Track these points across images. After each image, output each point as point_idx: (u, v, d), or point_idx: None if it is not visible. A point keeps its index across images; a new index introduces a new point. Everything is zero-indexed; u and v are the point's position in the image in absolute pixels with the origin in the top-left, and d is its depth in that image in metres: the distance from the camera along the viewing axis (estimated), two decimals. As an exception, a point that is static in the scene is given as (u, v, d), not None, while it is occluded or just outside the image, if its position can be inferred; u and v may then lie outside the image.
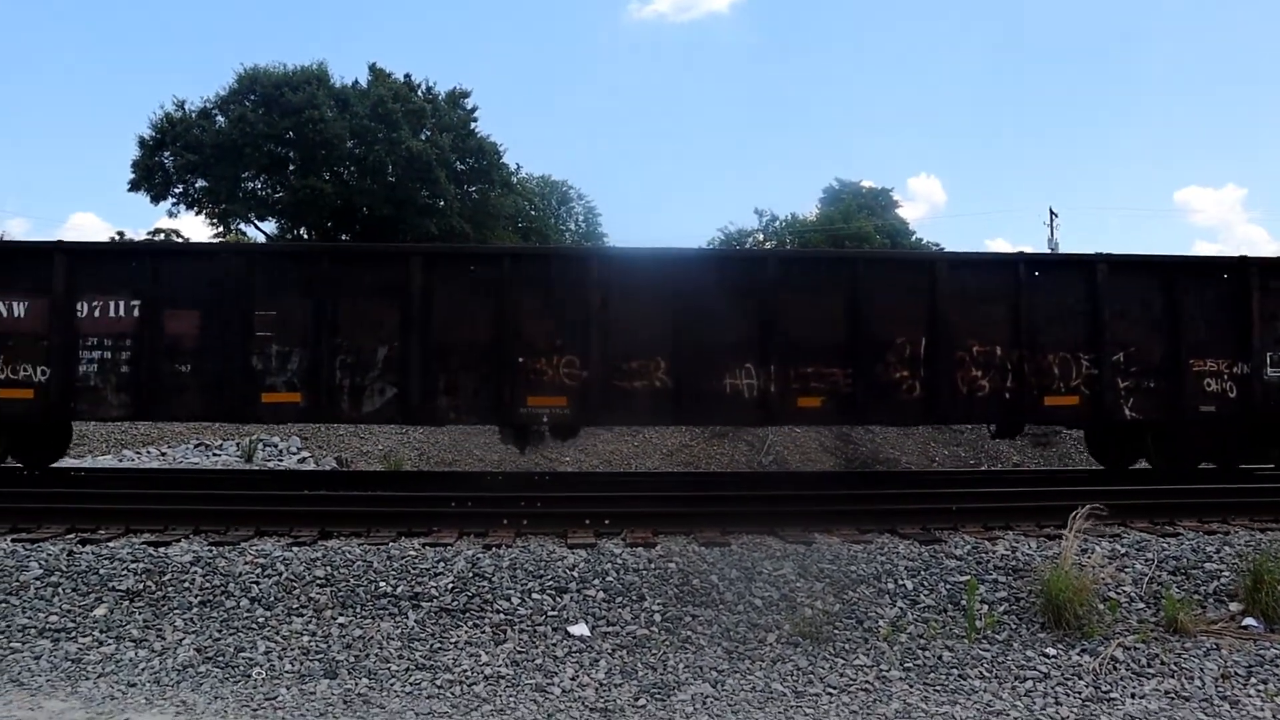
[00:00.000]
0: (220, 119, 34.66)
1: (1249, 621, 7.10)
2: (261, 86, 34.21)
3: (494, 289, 11.17)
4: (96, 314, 11.03)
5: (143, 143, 34.86)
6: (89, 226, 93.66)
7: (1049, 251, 40.28)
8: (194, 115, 34.78)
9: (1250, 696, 6.14)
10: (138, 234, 40.56)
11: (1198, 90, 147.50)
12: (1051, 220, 47.49)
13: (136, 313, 11.02)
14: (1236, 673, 6.39)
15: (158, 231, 39.06)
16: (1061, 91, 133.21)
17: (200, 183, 35.60)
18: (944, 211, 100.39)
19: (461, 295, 11.18)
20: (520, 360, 11.10)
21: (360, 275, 11.17)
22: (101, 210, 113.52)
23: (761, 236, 52.27)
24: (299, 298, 11.10)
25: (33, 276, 11.01)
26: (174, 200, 36.06)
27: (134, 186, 35.56)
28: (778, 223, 53.55)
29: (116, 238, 33.77)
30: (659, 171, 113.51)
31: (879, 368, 11.42)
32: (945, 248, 48.44)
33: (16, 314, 11.00)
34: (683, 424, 11.75)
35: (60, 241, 11.20)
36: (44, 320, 10.96)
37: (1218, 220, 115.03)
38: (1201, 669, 6.43)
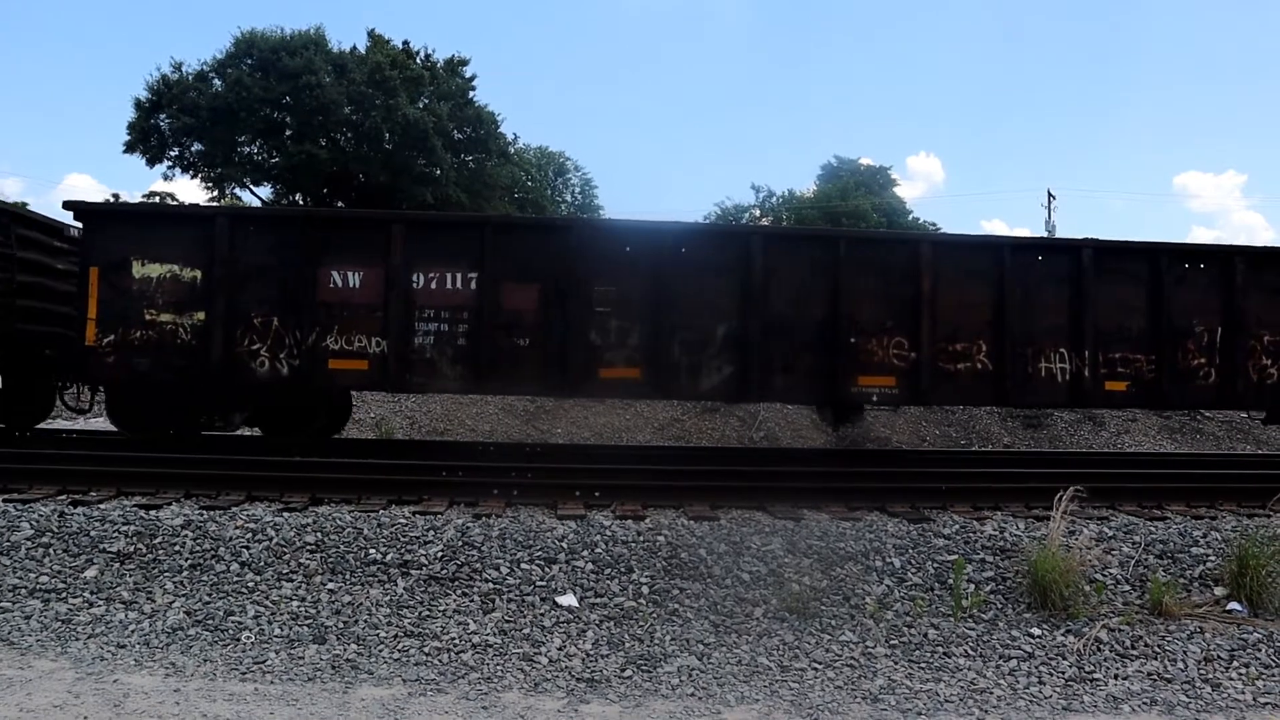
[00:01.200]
0: (217, 82, 34.47)
1: (1233, 606, 7.15)
2: (259, 50, 34.02)
3: (829, 271, 11.27)
4: (433, 286, 10.99)
5: (139, 105, 34.68)
6: (84, 188, 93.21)
7: (1052, 236, 40.24)
8: (190, 78, 34.58)
9: (1231, 679, 6.20)
10: (132, 196, 40.34)
11: (1200, 75, 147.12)
12: (1049, 203, 47.59)
13: (474, 285, 10.98)
14: (1219, 656, 6.44)
15: (152, 194, 38.86)
16: (1063, 73, 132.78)
17: (196, 146, 35.44)
18: (942, 191, 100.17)
19: (797, 276, 11.26)
20: (852, 341, 11.25)
21: (700, 253, 11.19)
22: (97, 172, 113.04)
23: (758, 212, 52.18)
24: (640, 274, 11.09)
25: (369, 247, 10.97)
26: (169, 163, 35.95)
27: (129, 149, 35.42)
28: (775, 199, 53.50)
29: (112, 199, 33.55)
30: (656, 145, 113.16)
31: (1179, 355, 11.79)
32: (941, 228, 48.41)
33: (352, 285, 10.97)
34: (1002, 405, 12.24)
35: (400, 211, 11.23)
36: (380, 292, 10.93)
37: (1216, 206, 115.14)
38: (1185, 652, 6.48)
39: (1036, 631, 6.72)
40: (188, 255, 10.87)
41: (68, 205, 11.11)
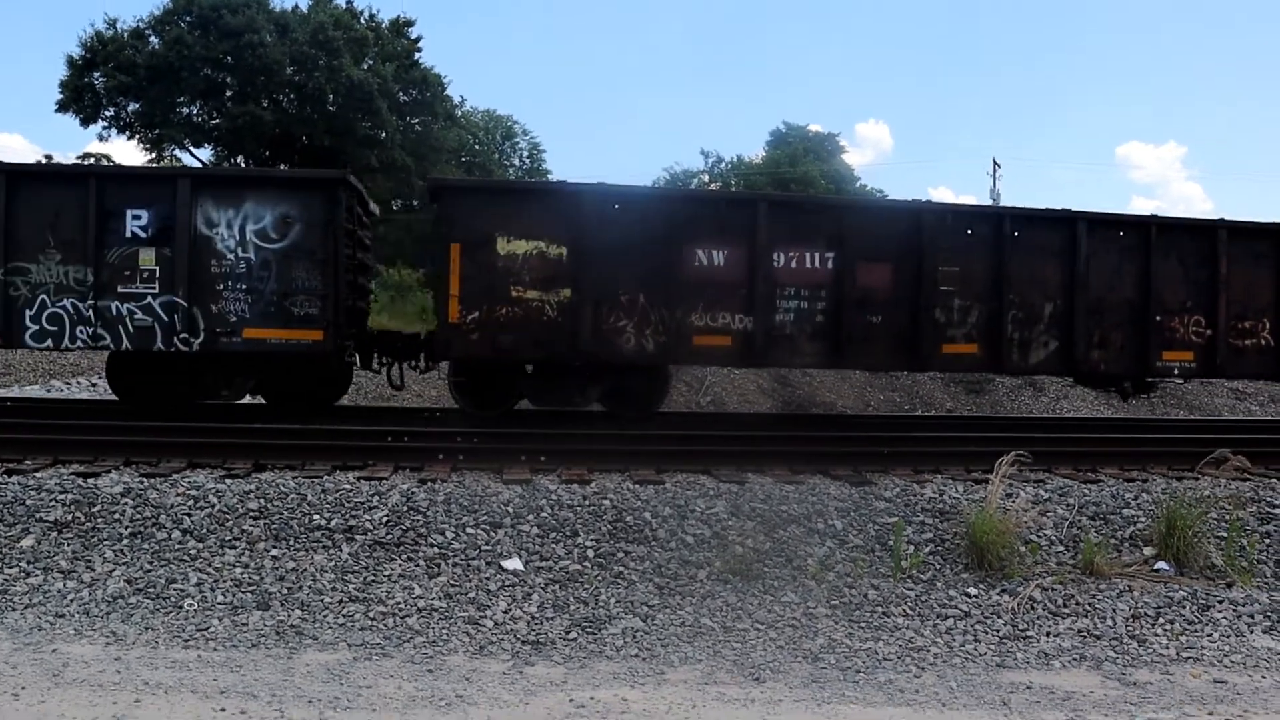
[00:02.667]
0: (154, 40, 33.59)
1: (1161, 565, 7.39)
2: (198, 7, 33.16)
3: (1139, 255, 12.04)
4: (794, 264, 11.19)
5: (71, 62, 33.70)
6: (16, 149, 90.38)
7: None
8: (126, 35, 33.66)
9: (1157, 636, 6.41)
10: (66, 157, 39.32)
11: (1143, 47, 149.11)
12: (994, 171, 48.20)
13: (830, 265, 11.23)
14: (1146, 613, 6.66)
15: (87, 155, 37.89)
16: (1010, 43, 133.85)
17: (133, 106, 34.55)
18: (891, 158, 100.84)
19: (1113, 259, 12.02)
20: (1157, 319, 12.08)
21: (1032, 236, 11.78)
22: (29, 132, 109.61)
23: (707, 178, 52.18)
24: (979, 255, 11.62)
25: (733, 227, 11.13)
26: (105, 123, 35.03)
27: (62, 108, 34.44)
28: (723, 164, 53.52)
29: (44, 160, 32.66)
30: (605, 110, 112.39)
31: None
32: (889, 195, 48.77)
33: (716, 263, 11.09)
34: None
35: (764, 192, 11.77)
36: (744, 270, 11.07)
37: (1157, 177, 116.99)
38: (1114, 609, 6.69)
39: (973, 591, 6.89)
40: (554, 232, 10.88)
41: (430, 182, 11.20)
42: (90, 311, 10.53)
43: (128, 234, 10.60)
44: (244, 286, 10.69)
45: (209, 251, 10.65)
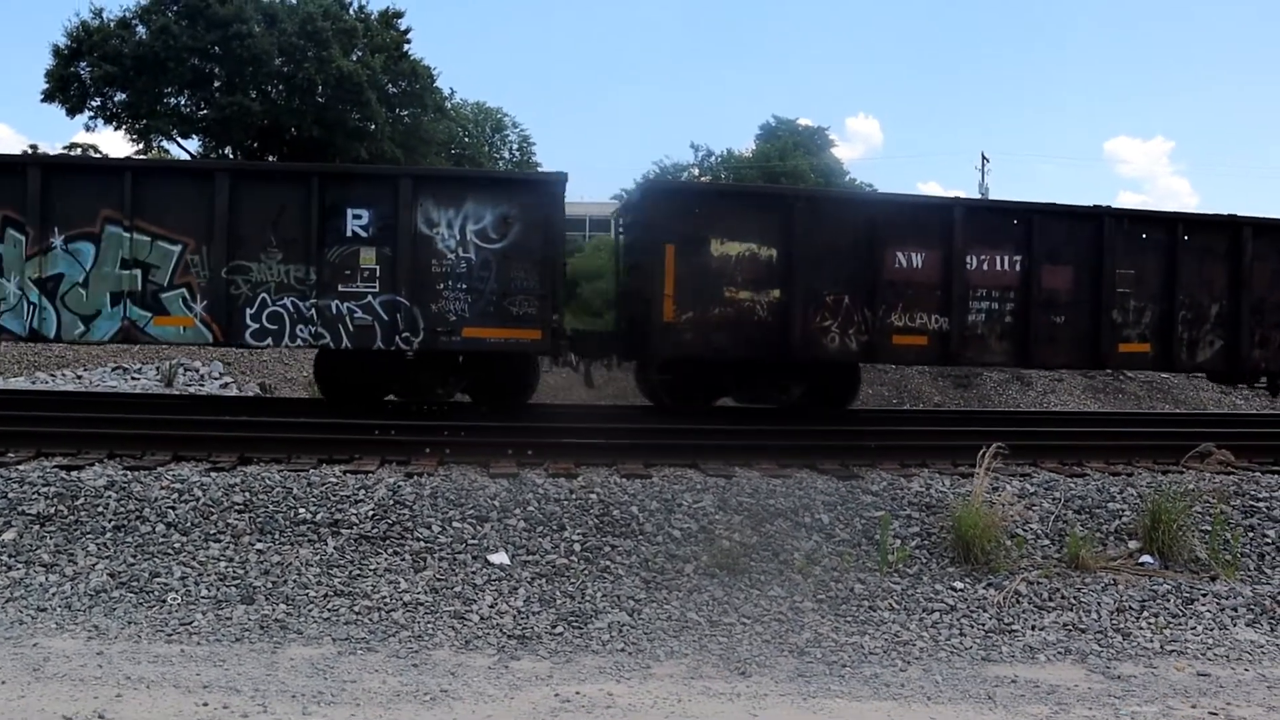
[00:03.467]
0: (141, 30, 33.31)
1: (1145, 559, 7.41)
2: (185, -4, 32.89)
3: None
4: (985, 267, 11.74)
5: (57, 52, 33.42)
6: (3, 138, 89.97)
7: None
8: (112, 25, 33.36)
9: (1141, 629, 6.44)
10: (53, 147, 39.08)
11: (1132, 42, 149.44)
12: (983, 165, 48.26)
13: (1018, 267, 11.80)
14: (1130, 607, 6.68)
15: (74, 146, 37.66)
16: (1000, 37, 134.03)
17: (119, 96, 34.29)
18: (881, 153, 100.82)
19: (1274, 261, 12.44)
20: None
21: (1201, 240, 12.27)
22: (15, 121, 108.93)
23: (697, 171, 52.09)
24: (1152, 258, 12.12)
25: (930, 230, 11.64)
26: (91, 114, 34.76)
27: (48, 98, 34.17)
28: (713, 158, 53.40)
29: (29, 150, 32.42)
30: (595, 103, 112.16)
31: None
32: (878, 189, 48.76)
33: (914, 265, 11.57)
34: None
35: (957, 197, 12.40)
36: (940, 272, 11.58)
37: (1144, 172, 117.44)
38: (1099, 603, 6.71)
39: (959, 585, 6.90)
40: (764, 234, 11.27)
41: (643, 183, 11.92)
42: (312, 310, 10.67)
43: (348, 233, 10.75)
44: (464, 286, 10.88)
45: (430, 251, 10.82)
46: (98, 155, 31.32)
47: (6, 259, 10.35)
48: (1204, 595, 6.91)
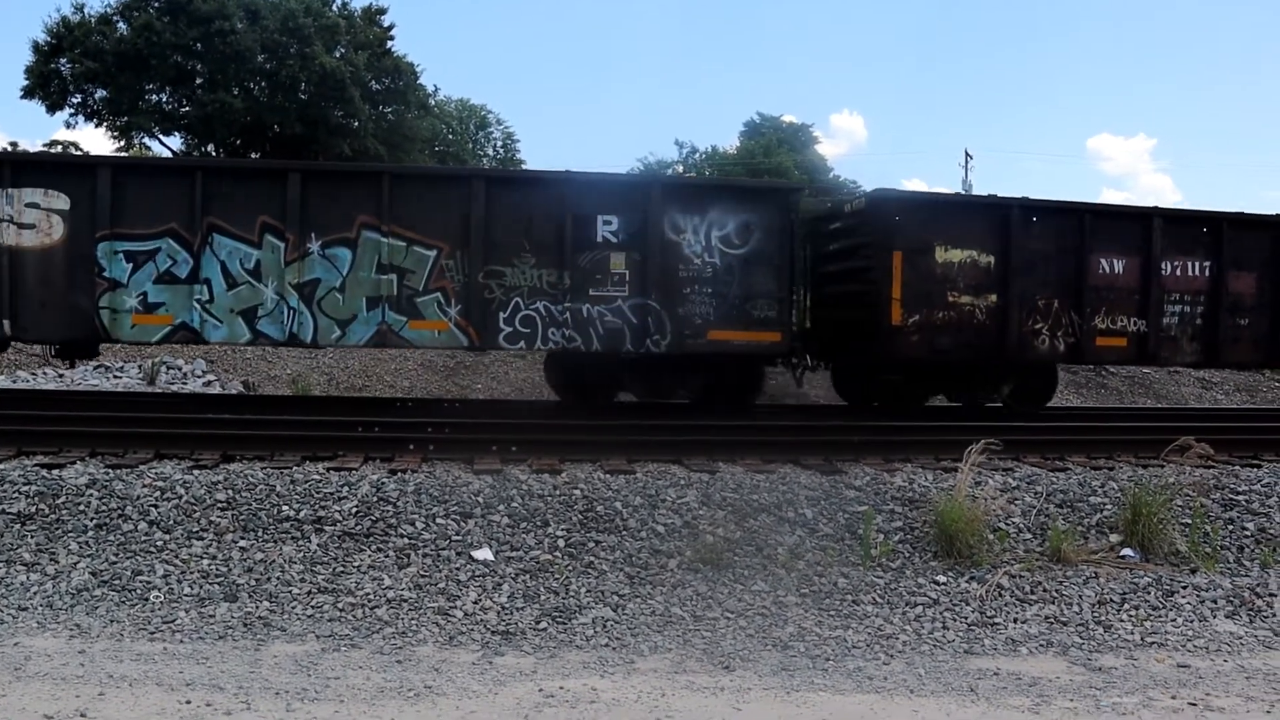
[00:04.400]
0: (122, 26, 33.04)
1: (1126, 552, 7.46)
2: (167, -7, 32.65)
3: None
4: (1178, 272, 12.65)
5: (37, 48, 33.11)
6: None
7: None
8: (93, 21, 33.08)
9: (1123, 621, 6.49)
10: (33, 144, 38.78)
11: (1115, 39, 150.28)
12: (966, 162, 48.32)
13: (1207, 273, 12.73)
14: (1112, 599, 6.73)
15: (54, 143, 37.36)
16: (985, 34, 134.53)
17: (100, 93, 34.02)
18: (865, 149, 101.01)
19: None
20: None
21: None
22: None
23: (681, 168, 52.09)
24: None
25: (1130, 237, 12.49)
26: (72, 110, 34.46)
27: (28, 94, 33.86)
28: (698, 155, 53.42)
29: (9, 148, 32.17)
30: (579, 99, 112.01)
31: None
32: (863, 185, 48.84)
33: (1115, 270, 12.42)
34: None
35: (1156, 207, 12.74)
36: (1138, 277, 12.47)
37: (1126, 169, 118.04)
38: (1080, 596, 6.76)
39: (942, 579, 6.94)
40: (983, 242, 12.00)
41: (874, 193, 12.32)
42: (566, 314, 11.06)
43: (599, 239, 11.13)
44: (709, 290, 11.34)
45: (677, 256, 11.26)
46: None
47: (265, 265, 10.65)
48: (1184, 588, 6.96)
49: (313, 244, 10.68)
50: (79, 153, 29.65)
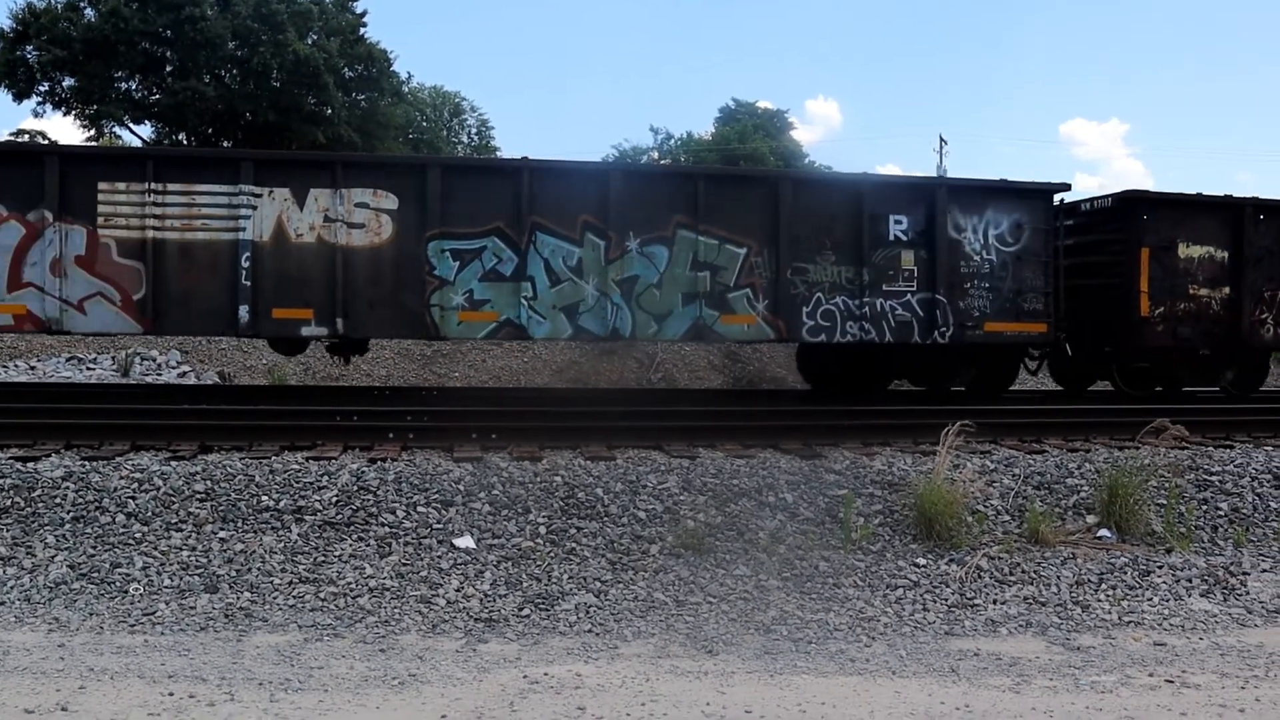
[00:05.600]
0: (90, 12, 32.60)
1: (1103, 532, 7.55)
2: (135, -21, 32.21)
3: None
4: None
5: (2, 35, 32.64)
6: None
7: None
8: (60, 7, 32.61)
9: (1100, 601, 6.56)
10: (0, 134, 38.21)
11: (1089, 23, 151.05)
12: (941, 147, 48.60)
13: None
14: (1089, 580, 6.81)
15: (20, 133, 36.86)
16: (960, 18, 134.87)
17: (69, 81, 33.58)
18: (841, 135, 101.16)
19: None
20: None
21: None
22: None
23: (657, 154, 52.03)
24: None
25: None
26: (39, 99, 34.01)
27: (-7, 82, 33.37)
28: (673, 141, 53.38)
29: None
30: (553, 85, 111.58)
31: None
32: (836, 170, 48.90)
33: None
34: None
35: None
36: None
37: (1098, 154, 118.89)
38: (1058, 576, 6.83)
39: (922, 561, 6.99)
40: (1218, 238, 13.11)
41: (1125, 193, 13.01)
42: (865, 308, 11.74)
43: (890, 237, 11.89)
44: (986, 285, 12.19)
45: (959, 253, 12.07)
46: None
47: (586, 262, 11.14)
48: (1160, 568, 7.05)
49: (631, 242, 11.20)
50: (43, 144, 29.18)
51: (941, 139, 48.55)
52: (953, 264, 11.98)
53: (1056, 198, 12.78)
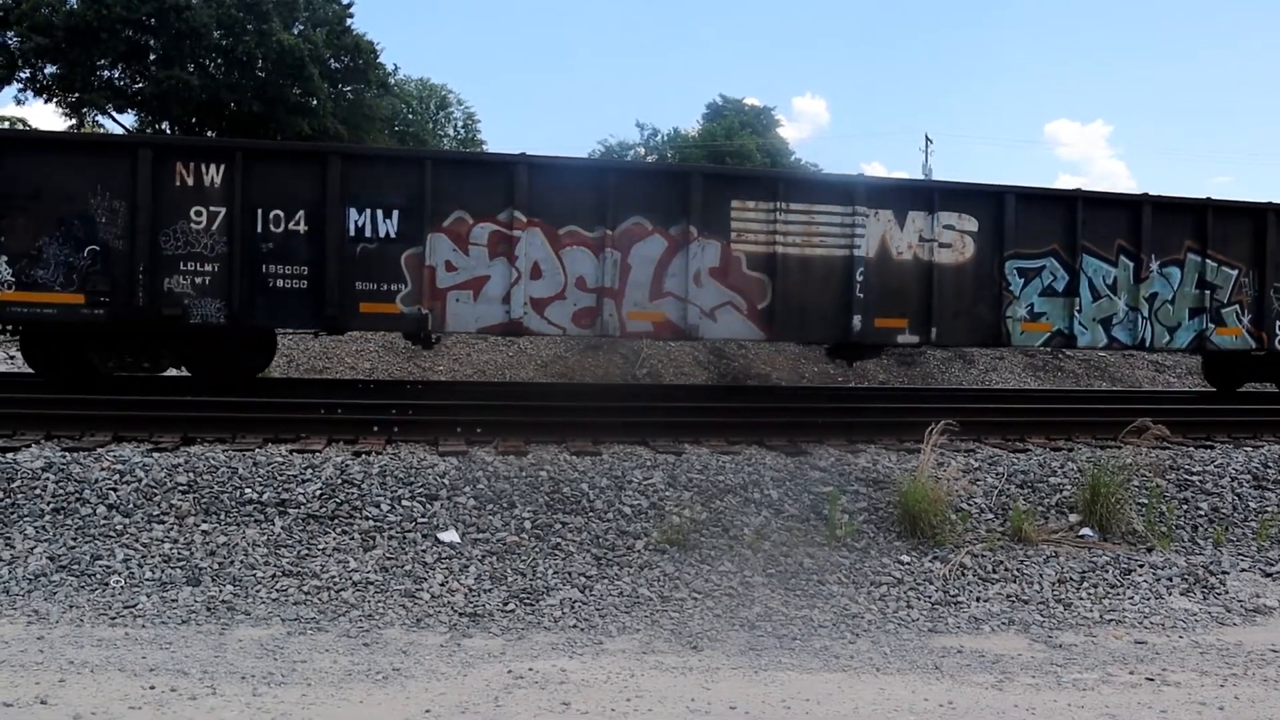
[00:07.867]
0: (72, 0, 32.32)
1: (1085, 531, 7.59)
2: (118, -34, 31.92)
3: None
4: None
5: (-17, 21, 32.32)
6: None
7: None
8: (42, -6, 32.31)
9: (1082, 599, 6.60)
10: (-19, 121, 37.70)
11: (1074, 26, 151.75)
12: (926, 147, 48.76)
13: None
14: (1071, 578, 6.84)
15: (1, 119, 36.51)
16: (946, 17, 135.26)
17: (50, 68, 33.28)
18: (827, 132, 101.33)
19: None
20: None
21: None
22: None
23: (643, 150, 52.01)
24: None
25: None
26: (20, 86, 33.68)
27: (-27, 68, 33.02)
28: (659, 137, 53.39)
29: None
30: (540, 79, 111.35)
31: None
32: (823, 169, 49.02)
33: None
34: None
35: None
36: None
37: (1081, 155, 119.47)
38: (1041, 574, 6.86)
39: (906, 558, 7.01)
40: None
41: None
42: None
43: None
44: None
45: None
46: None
47: (1119, 281, 12.50)
48: (1141, 566, 7.09)
49: (1152, 264, 12.58)
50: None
51: (927, 138, 48.82)
52: None
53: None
